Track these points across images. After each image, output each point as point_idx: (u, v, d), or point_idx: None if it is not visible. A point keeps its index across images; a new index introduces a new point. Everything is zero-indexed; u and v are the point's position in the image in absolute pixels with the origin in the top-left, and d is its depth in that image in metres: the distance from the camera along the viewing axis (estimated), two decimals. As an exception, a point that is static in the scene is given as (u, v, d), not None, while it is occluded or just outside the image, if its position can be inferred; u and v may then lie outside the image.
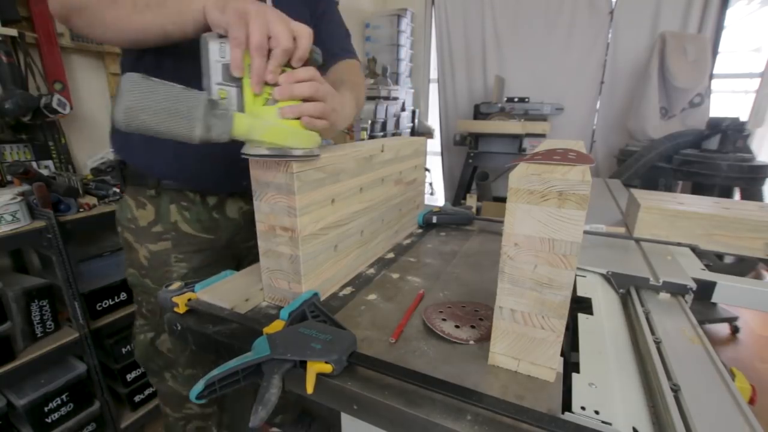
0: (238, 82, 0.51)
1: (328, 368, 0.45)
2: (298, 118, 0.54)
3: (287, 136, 0.52)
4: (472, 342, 0.53)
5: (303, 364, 0.46)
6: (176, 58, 0.71)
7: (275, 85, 0.52)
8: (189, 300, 0.61)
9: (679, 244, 0.82)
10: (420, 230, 1.02)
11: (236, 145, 0.54)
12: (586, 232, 0.90)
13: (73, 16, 0.64)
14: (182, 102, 0.46)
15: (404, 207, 0.93)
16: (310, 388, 0.45)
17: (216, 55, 0.50)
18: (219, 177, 0.83)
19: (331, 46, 0.90)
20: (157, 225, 0.85)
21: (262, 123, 0.52)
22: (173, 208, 0.85)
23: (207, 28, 0.54)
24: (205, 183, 0.85)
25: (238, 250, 0.96)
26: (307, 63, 0.55)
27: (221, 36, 0.51)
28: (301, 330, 0.50)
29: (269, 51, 0.50)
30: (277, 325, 0.53)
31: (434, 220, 1.02)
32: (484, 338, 0.53)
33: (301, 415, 1.43)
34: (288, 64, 0.53)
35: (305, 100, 0.55)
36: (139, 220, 0.85)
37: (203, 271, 0.87)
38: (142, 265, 0.88)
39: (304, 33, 0.52)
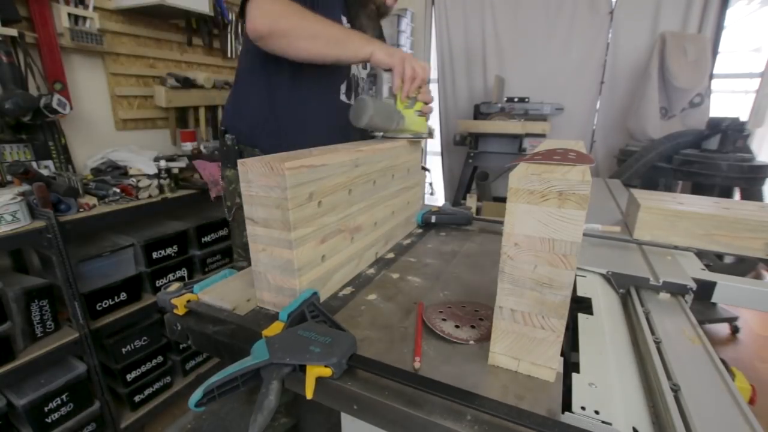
0: (394, 96, 0.89)
1: (327, 372, 0.45)
2: (424, 115, 0.93)
3: (421, 126, 0.93)
4: (472, 342, 0.53)
5: (302, 368, 0.46)
6: (311, 66, 0.96)
7: (413, 98, 0.90)
8: (188, 301, 0.61)
9: (675, 248, 0.82)
10: (420, 230, 1.02)
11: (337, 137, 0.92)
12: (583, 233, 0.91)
13: (275, 39, 0.87)
14: (389, 111, 0.86)
15: (401, 207, 0.93)
16: (309, 393, 0.45)
17: (386, 82, 0.89)
18: None
19: None
20: None
21: (412, 120, 0.90)
22: None
23: (367, 61, 0.90)
24: None
25: None
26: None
27: (386, 70, 0.88)
28: (300, 332, 0.50)
29: (413, 79, 0.87)
30: (276, 327, 0.52)
31: (433, 219, 1.02)
32: (484, 338, 0.53)
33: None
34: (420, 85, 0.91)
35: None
36: None
37: None
38: None
39: (427, 68, 0.89)
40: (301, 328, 0.51)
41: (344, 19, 1.05)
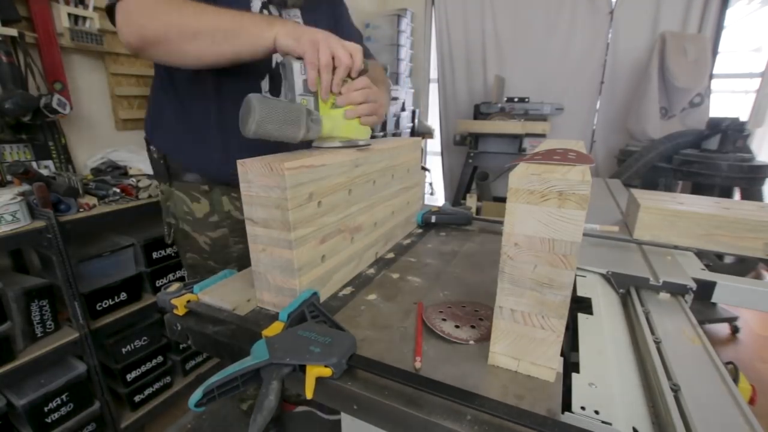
0: (314, 92, 0.67)
1: (327, 372, 0.45)
2: (358, 117, 0.72)
3: (353, 131, 0.72)
4: (472, 342, 0.53)
5: (302, 368, 0.46)
6: (235, 71, 0.80)
7: (340, 93, 0.69)
8: (188, 302, 0.61)
9: (675, 248, 0.82)
10: (420, 230, 1.02)
11: (278, 145, 0.66)
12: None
13: (149, 48, 0.72)
14: (292, 113, 0.62)
15: (401, 207, 0.93)
16: (309, 393, 0.45)
17: (298, 73, 0.65)
18: None
19: None
20: (213, 215, 0.97)
21: (337, 123, 0.70)
22: (225, 200, 0.96)
23: (273, 52, 0.69)
24: None
25: None
26: (360, 73, 0.71)
27: (298, 58, 0.65)
28: (300, 333, 0.50)
29: (334, 68, 0.66)
30: (276, 327, 0.52)
31: (433, 219, 1.02)
32: (484, 338, 0.53)
33: None
34: (348, 75, 0.69)
35: (360, 103, 0.71)
36: (195, 213, 0.97)
37: None
38: (203, 250, 1.00)
39: (358, 51, 0.67)
40: (301, 328, 0.51)
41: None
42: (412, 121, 3.35)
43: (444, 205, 1.08)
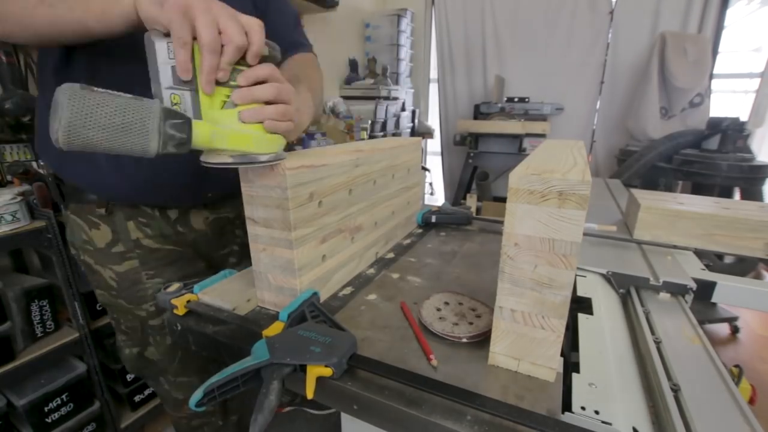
0: (191, 84, 0.46)
1: (327, 372, 0.45)
2: (261, 122, 0.49)
3: (251, 141, 0.49)
4: (464, 339, 0.53)
5: (303, 368, 0.46)
6: (115, 61, 0.62)
7: (232, 86, 0.47)
8: (188, 302, 0.61)
9: (675, 247, 0.82)
10: (420, 230, 1.02)
11: (195, 153, 0.49)
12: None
13: None
14: (133, 113, 0.41)
15: (401, 207, 0.93)
16: (310, 393, 0.45)
17: (164, 55, 0.45)
18: (177, 190, 0.76)
19: (280, 41, 0.65)
20: (117, 245, 0.77)
21: (222, 129, 0.47)
22: (131, 225, 0.77)
23: (140, 25, 0.48)
24: (161, 197, 0.77)
25: (212, 258, 0.91)
26: (264, 60, 0.50)
27: (168, 34, 0.44)
28: (301, 332, 0.50)
29: (221, 47, 0.45)
30: (276, 327, 0.52)
31: (433, 219, 1.02)
32: (482, 335, 0.53)
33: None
34: (243, 62, 0.48)
35: (267, 102, 0.50)
36: (95, 242, 0.77)
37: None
38: (110, 287, 0.80)
39: (256, 26, 0.47)
40: (301, 328, 0.51)
41: None
42: (412, 121, 3.35)
43: (444, 205, 1.08)
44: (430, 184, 3.74)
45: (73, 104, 0.38)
